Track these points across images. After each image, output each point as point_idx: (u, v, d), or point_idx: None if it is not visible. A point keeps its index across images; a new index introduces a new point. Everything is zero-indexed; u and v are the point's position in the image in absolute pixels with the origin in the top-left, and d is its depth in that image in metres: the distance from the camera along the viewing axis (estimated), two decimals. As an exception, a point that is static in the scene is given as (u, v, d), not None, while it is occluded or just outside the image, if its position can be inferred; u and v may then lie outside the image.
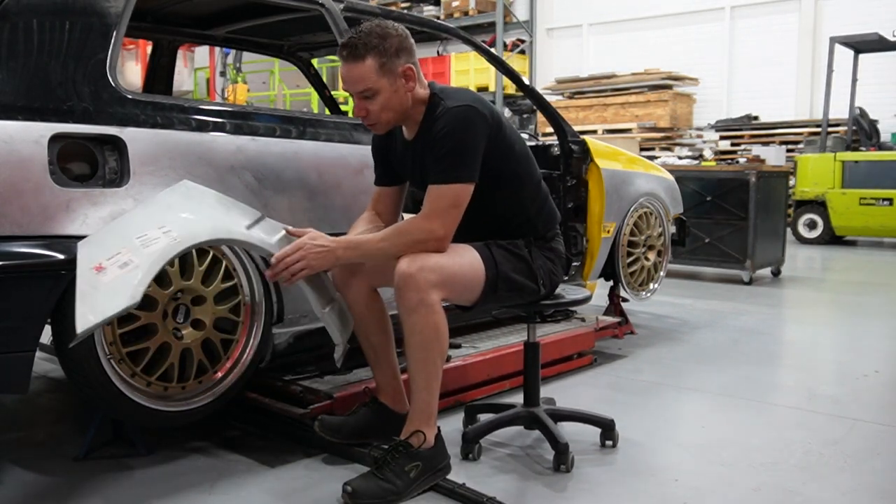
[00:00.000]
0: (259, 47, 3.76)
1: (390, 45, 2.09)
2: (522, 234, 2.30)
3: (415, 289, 2.01)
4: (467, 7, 13.35)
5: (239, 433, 2.54)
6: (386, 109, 2.13)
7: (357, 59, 2.07)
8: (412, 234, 2.07)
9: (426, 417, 2.11)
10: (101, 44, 2.13)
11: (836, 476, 2.23)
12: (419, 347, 2.05)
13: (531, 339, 2.44)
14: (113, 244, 1.81)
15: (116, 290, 1.72)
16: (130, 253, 1.78)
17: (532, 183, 2.32)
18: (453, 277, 2.09)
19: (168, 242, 1.83)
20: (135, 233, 1.84)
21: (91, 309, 1.70)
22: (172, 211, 1.96)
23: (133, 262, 1.76)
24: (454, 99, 2.14)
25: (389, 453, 2.06)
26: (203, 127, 2.31)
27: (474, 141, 2.10)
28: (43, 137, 1.96)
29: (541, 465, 2.30)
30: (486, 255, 2.18)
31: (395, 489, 2.01)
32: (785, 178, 6.42)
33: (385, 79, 2.09)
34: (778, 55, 11.57)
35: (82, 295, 1.72)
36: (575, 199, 3.63)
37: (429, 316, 2.02)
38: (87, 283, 1.73)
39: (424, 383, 2.08)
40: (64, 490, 2.09)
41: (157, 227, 1.87)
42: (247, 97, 11.69)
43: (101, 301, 1.71)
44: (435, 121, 2.12)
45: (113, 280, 1.73)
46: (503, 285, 2.20)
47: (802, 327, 4.57)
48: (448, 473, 2.14)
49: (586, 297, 2.44)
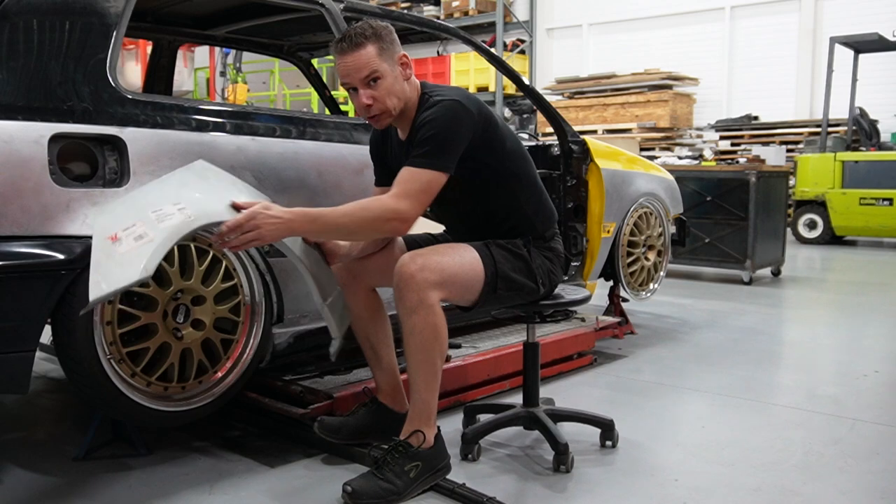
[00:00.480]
0: (259, 47, 3.76)
1: (384, 33, 2.12)
2: (521, 233, 2.30)
3: (415, 289, 2.00)
4: (467, 7, 13.35)
5: (239, 433, 2.54)
6: (391, 94, 2.11)
7: (358, 47, 2.07)
8: (376, 211, 2.01)
9: (426, 417, 2.11)
10: (101, 44, 2.13)
11: (836, 476, 2.23)
12: (419, 348, 2.05)
13: (530, 339, 2.43)
14: (128, 216, 1.82)
15: (130, 261, 1.73)
16: (145, 226, 1.78)
17: (528, 181, 2.32)
18: (453, 277, 2.08)
19: (182, 219, 1.83)
20: (150, 207, 1.85)
21: (104, 278, 1.71)
22: (188, 189, 1.95)
23: (148, 236, 1.77)
24: (443, 94, 2.15)
25: (389, 453, 2.06)
26: (203, 127, 2.31)
27: (456, 133, 2.09)
28: (43, 137, 1.96)
29: (540, 465, 2.30)
30: (486, 255, 2.18)
31: (395, 489, 2.01)
32: (785, 178, 6.42)
33: (386, 63, 2.10)
34: (778, 55, 11.57)
35: (97, 263, 1.73)
36: (575, 199, 3.64)
37: (428, 317, 2.02)
38: (102, 252, 1.74)
39: (424, 384, 2.08)
40: (64, 490, 2.09)
41: (172, 203, 1.87)
42: (247, 97, 11.69)
43: (114, 271, 1.72)
44: (428, 104, 2.13)
45: (127, 251, 1.74)
46: (503, 285, 2.19)
47: (802, 327, 4.57)
48: (448, 473, 2.14)
49: (586, 297, 2.43)
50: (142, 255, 1.74)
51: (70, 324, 1.99)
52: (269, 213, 1.92)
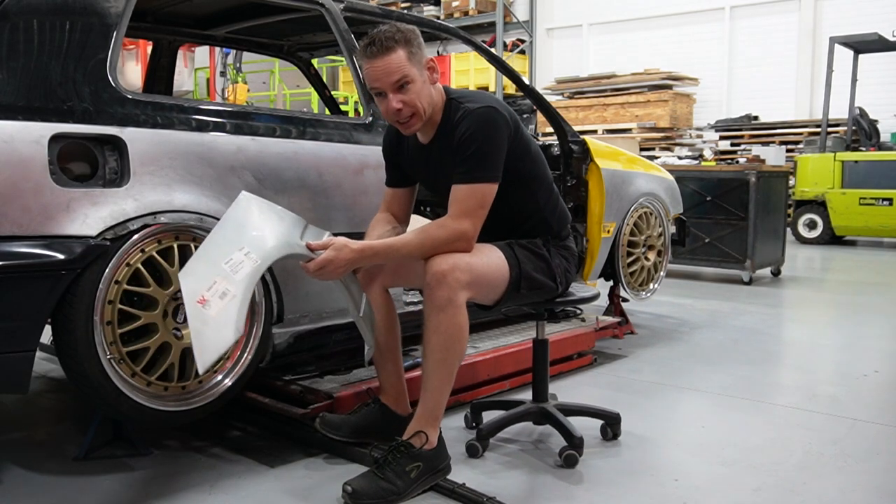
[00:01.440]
0: (259, 47, 3.76)
1: (413, 37, 2.10)
2: (540, 232, 2.32)
3: (446, 288, 2.02)
4: (467, 7, 13.35)
5: (239, 433, 2.54)
6: (420, 98, 2.11)
7: (388, 51, 2.06)
8: (442, 237, 2.07)
9: (433, 419, 2.11)
10: (101, 44, 2.13)
11: (836, 476, 2.23)
12: (440, 347, 2.06)
13: (540, 335, 2.46)
14: (207, 273, 1.89)
15: (224, 323, 1.84)
16: (225, 282, 1.88)
17: (547, 182, 2.35)
18: (482, 278, 2.11)
19: (252, 266, 1.91)
20: (222, 258, 1.91)
21: (206, 347, 1.82)
22: (245, 230, 2.00)
23: (230, 292, 1.86)
24: (474, 101, 2.15)
25: (391, 453, 2.06)
26: (203, 127, 2.31)
27: (498, 142, 2.12)
28: (43, 137, 1.96)
29: (544, 461, 2.30)
30: (510, 255, 2.21)
31: (396, 489, 2.01)
32: (785, 178, 6.42)
33: (415, 68, 2.09)
34: (778, 55, 11.57)
35: (196, 333, 1.82)
36: (575, 199, 3.64)
37: (455, 316, 2.04)
38: (197, 320, 1.83)
39: (438, 384, 2.09)
40: (64, 490, 2.09)
41: (237, 249, 1.93)
42: (247, 97, 11.68)
43: (212, 337, 1.83)
44: (456, 124, 2.13)
45: (218, 313, 1.84)
46: (525, 284, 2.22)
47: (802, 327, 4.57)
48: (448, 474, 2.14)
49: (594, 294, 2.47)
50: (230, 314, 1.85)
51: (70, 324, 1.99)
52: (342, 256, 2.00)
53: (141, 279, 2.12)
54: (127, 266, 2.08)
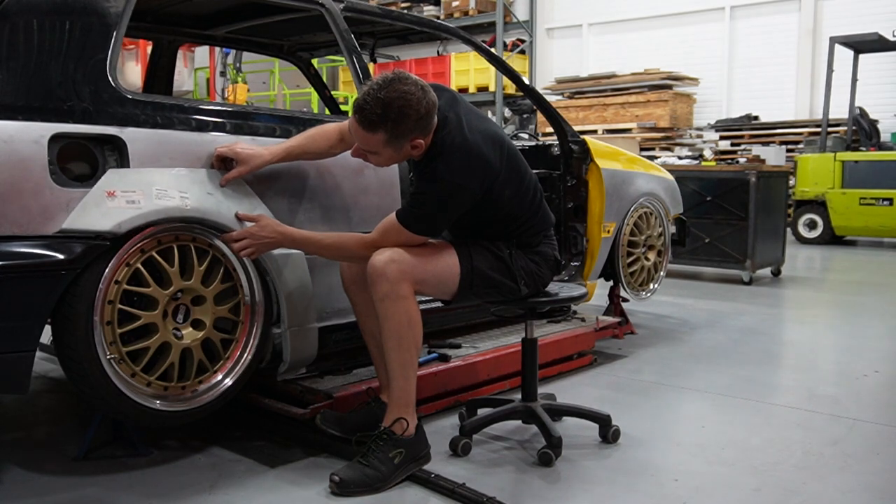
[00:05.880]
0: (259, 47, 3.75)
1: (405, 127, 2.09)
2: (503, 239, 2.34)
3: (385, 280, 2.09)
4: (467, 7, 13.34)
5: (239, 433, 2.54)
6: (382, 163, 2.22)
7: (368, 129, 2.09)
8: (352, 252, 2.24)
9: (405, 405, 2.17)
10: (101, 44, 2.13)
11: (836, 476, 2.23)
12: (392, 334, 2.12)
13: (529, 335, 2.46)
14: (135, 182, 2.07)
15: (110, 215, 1.99)
16: (143, 197, 2.06)
17: (521, 216, 2.33)
18: (424, 272, 2.16)
19: (178, 205, 2.08)
20: (156, 184, 2.08)
21: (81, 214, 1.97)
22: (200, 186, 2.16)
23: (139, 203, 2.04)
24: (460, 137, 2.14)
25: (374, 441, 2.12)
26: (203, 127, 2.31)
27: (454, 206, 2.16)
28: (43, 137, 1.96)
29: (536, 460, 2.30)
30: (463, 252, 2.25)
31: (381, 476, 2.07)
32: (785, 178, 6.41)
33: (390, 148, 2.13)
34: (778, 55, 11.56)
35: (84, 204, 1.97)
36: (575, 199, 3.63)
37: (398, 303, 2.10)
38: (94, 198, 1.99)
39: (400, 370, 2.15)
40: (64, 490, 2.09)
41: (178, 190, 2.12)
42: (247, 97, 11.68)
43: (93, 214, 1.98)
44: (439, 154, 2.14)
45: (115, 207, 2.00)
46: (479, 281, 2.26)
47: (802, 327, 4.57)
48: (428, 462, 2.19)
49: (582, 294, 2.47)
50: (123, 216, 1.98)
51: (70, 324, 1.99)
52: (262, 233, 2.17)
53: (141, 279, 2.12)
54: (127, 266, 2.08)
